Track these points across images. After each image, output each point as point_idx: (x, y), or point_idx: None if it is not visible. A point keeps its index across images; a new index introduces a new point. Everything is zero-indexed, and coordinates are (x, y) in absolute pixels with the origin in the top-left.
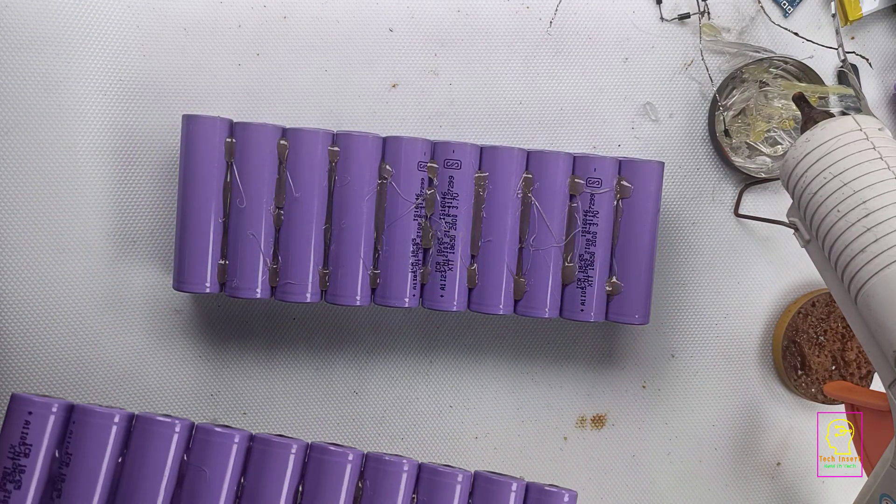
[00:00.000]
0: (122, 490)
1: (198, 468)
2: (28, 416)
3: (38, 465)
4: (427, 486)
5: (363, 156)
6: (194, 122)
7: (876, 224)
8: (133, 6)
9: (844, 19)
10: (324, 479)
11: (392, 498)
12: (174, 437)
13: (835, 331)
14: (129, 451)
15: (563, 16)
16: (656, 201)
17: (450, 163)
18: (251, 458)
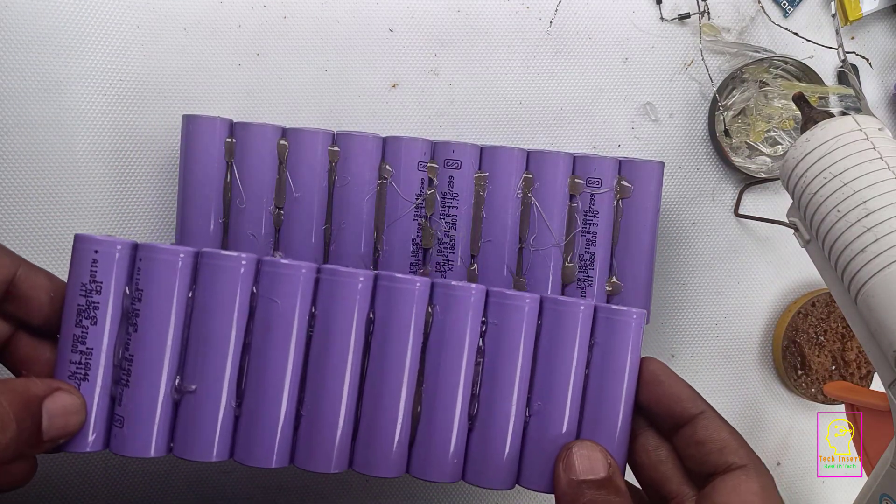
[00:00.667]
0: (196, 323)
1: (268, 299)
2: (95, 255)
3: (110, 301)
4: (496, 308)
5: (363, 156)
6: (194, 122)
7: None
8: (133, 6)
9: (844, 19)
10: (394, 305)
11: (462, 321)
12: (241, 271)
13: (835, 331)
14: (198, 285)
15: (563, 16)
16: (656, 201)
17: (450, 163)
18: (320, 288)
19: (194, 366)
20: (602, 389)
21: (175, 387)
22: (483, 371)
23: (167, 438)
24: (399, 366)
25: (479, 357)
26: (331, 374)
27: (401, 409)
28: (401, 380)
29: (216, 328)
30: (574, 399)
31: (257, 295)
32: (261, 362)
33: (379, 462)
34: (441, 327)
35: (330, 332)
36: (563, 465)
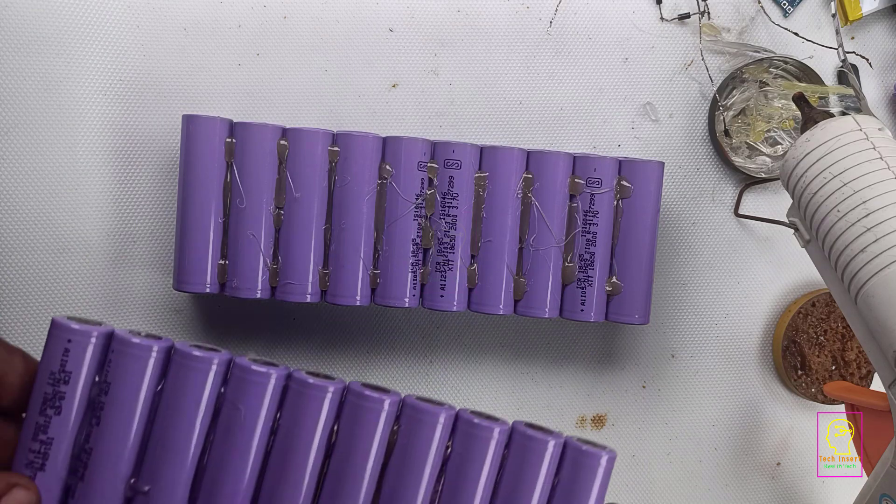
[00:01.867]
0: (159, 421)
1: (233, 405)
2: (67, 344)
3: (77, 393)
4: (463, 437)
5: (363, 156)
6: (194, 122)
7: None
8: (133, 6)
9: (844, 19)
10: (359, 422)
11: (426, 445)
12: (211, 372)
13: (835, 331)
14: (167, 382)
15: (563, 16)
16: (656, 201)
17: (450, 163)
18: (287, 398)
19: (151, 466)
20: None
21: (129, 485)
22: (441, 498)
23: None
24: (357, 485)
25: (439, 483)
26: (288, 488)
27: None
28: (357, 500)
29: (178, 430)
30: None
31: (223, 396)
32: (219, 468)
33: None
34: (403, 450)
35: (291, 445)
36: None
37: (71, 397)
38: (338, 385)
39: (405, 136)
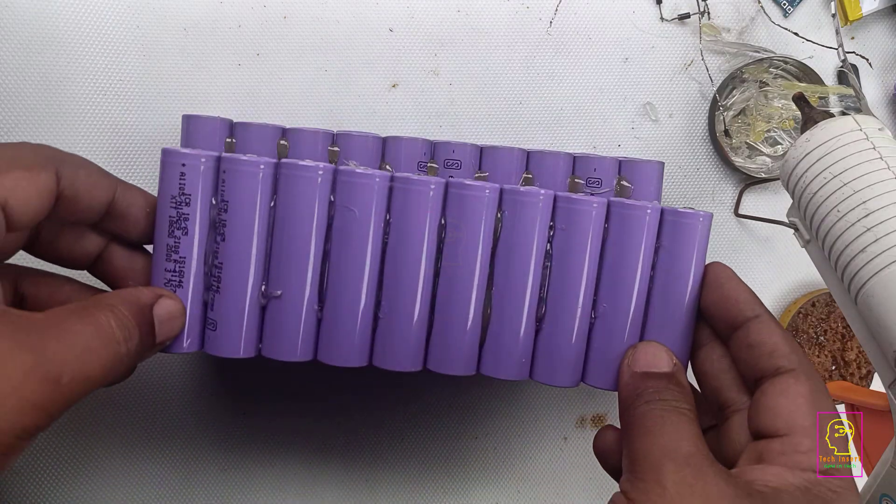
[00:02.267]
0: (278, 231)
1: (345, 208)
2: (182, 168)
3: (198, 211)
4: (564, 213)
5: (363, 155)
6: (194, 122)
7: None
8: (133, 6)
9: (844, 19)
10: (464, 212)
11: (530, 226)
12: (318, 180)
13: (835, 331)
14: (278, 195)
15: (563, 16)
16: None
17: (450, 163)
18: (394, 196)
19: (278, 272)
20: (667, 293)
21: (262, 292)
22: (550, 274)
23: (256, 340)
24: (470, 270)
25: (547, 261)
26: (406, 279)
27: (471, 311)
28: (472, 283)
29: (297, 236)
30: (639, 302)
31: (335, 204)
32: (340, 268)
33: (451, 361)
34: (510, 232)
35: (404, 239)
36: (629, 360)
37: (194, 217)
38: (440, 180)
39: (405, 136)
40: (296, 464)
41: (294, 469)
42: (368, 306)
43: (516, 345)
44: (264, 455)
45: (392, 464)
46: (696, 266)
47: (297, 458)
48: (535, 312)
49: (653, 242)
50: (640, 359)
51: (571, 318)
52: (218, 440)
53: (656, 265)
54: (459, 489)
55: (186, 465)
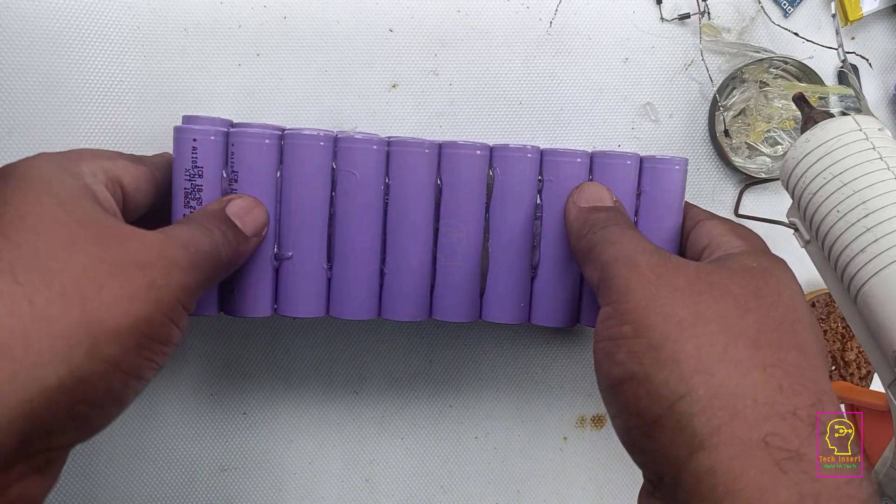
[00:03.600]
0: (286, 197)
1: (347, 172)
2: (194, 143)
3: (211, 182)
4: (551, 166)
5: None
6: (194, 123)
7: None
8: (133, 6)
9: (844, 19)
10: (458, 170)
11: (521, 180)
12: (320, 145)
13: (835, 331)
14: (284, 163)
15: (563, 16)
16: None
17: None
18: (391, 159)
19: (288, 235)
20: (651, 233)
21: (274, 254)
22: (542, 224)
23: (271, 301)
24: (467, 224)
25: (538, 212)
26: (408, 235)
27: (470, 263)
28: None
29: (304, 200)
30: None
31: (337, 169)
32: (345, 228)
33: (455, 308)
34: (502, 187)
35: (403, 198)
36: (574, 198)
37: (207, 187)
38: (433, 143)
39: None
40: (296, 464)
41: (294, 469)
42: (374, 263)
43: (513, 291)
44: (264, 455)
45: (392, 464)
46: (677, 206)
47: (297, 458)
48: (529, 260)
49: (634, 188)
50: (585, 194)
51: (564, 262)
52: (218, 440)
53: (639, 210)
54: (459, 489)
55: (186, 465)
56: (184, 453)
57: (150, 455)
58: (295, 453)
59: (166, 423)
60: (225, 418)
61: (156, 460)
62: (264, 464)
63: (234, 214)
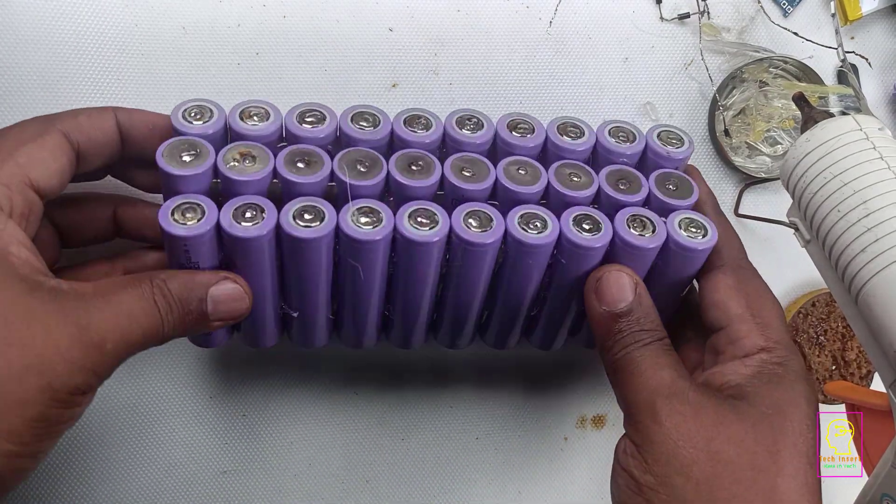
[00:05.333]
0: (288, 273)
1: (350, 263)
2: (185, 246)
3: (209, 265)
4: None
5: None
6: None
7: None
8: (132, 5)
9: (844, 19)
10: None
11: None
12: (322, 248)
13: (835, 331)
14: (284, 256)
15: (562, 15)
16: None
17: None
18: (397, 246)
19: (292, 299)
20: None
21: (280, 306)
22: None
23: (278, 333)
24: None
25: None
26: (411, 304)
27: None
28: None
29: (307, 281)
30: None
31: (338, 252)
32: (350, 291)
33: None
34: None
35: (409, 277)
36: (595, 293)
37: (205, 266)
38: (443, 233)
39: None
40: (296, 465)
41: (294, 470)
42: (378, 305)
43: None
44: (264, 457)
45: (392, 464)
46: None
47: (297, 459)
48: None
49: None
50: (606, 294)
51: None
52: (217, 442)
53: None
54: (459, 489)
55: (186, 467)
56: (183, 456)
57: (149, 458)
58: (295, 454)
59: (165, 425)
60: (224, 420)
61: (155, 463)
62: (265, 466)
63: (214, 297)
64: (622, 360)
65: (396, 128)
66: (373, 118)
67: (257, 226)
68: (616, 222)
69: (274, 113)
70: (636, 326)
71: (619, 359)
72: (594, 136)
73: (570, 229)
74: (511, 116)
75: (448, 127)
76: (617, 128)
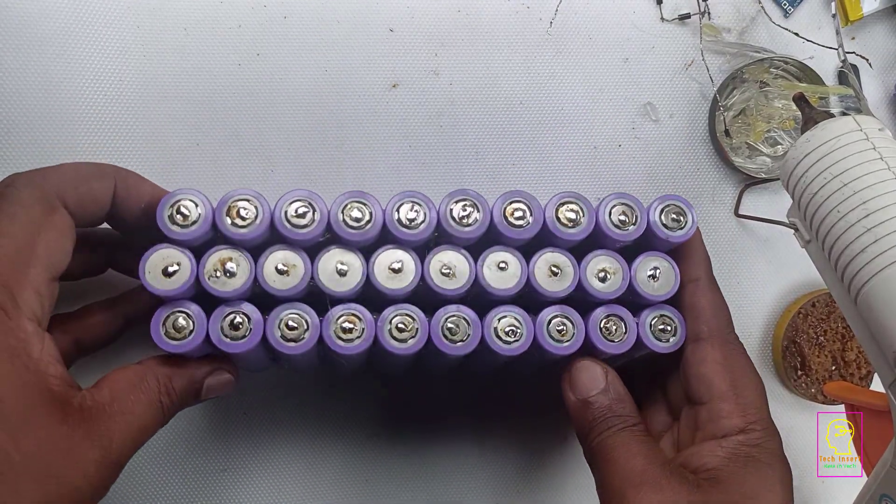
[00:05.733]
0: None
1: (338, 357)
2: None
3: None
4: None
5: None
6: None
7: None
8: (133, 6)
9: (845, 19)
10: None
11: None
12: (311, 353)
13: (835, 331)
14: (276, 355)
15: (563, 16)
16: None
17: None
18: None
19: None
20: None
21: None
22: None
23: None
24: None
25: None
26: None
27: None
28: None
29: (299, 364)
30: None
31: (324, 348)
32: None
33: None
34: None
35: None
36: (568, 384)
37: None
38: (418, 345)
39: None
40: (296, 464)
41: (294, 469)
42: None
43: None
44: (264, 455)
45: (392, 464)
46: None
47: (297, 458)
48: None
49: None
50: (578, 384)
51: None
52: (218, 440)
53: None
54: (460, 489)
55: (186, 465)
56: (183, 453)
57: (149, 455)
58: (295, 454)
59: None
60: (225, 418)
61: (155, 461)
62: (264, 464)
63: (208, 385)
64: (597, 447)
65: (389, 224)
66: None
67: (245, 340)
68: (589, 326)
69: (262, 210)
70: (609, 412)
71: (594, 446)
72: (594, 217)
73: (543, 336)
74: (510, 198)
75: (442, 219)
76: (620, 205)
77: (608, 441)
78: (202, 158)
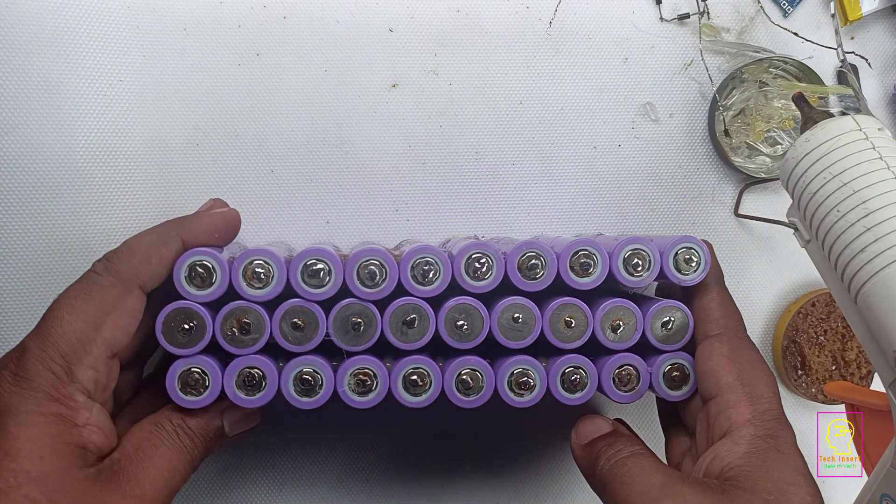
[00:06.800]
0: None
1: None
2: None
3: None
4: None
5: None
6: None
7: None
8: (133, 6)
9: (844, 19)
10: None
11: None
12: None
13: (835, 331)
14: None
15: (562, 16)
16: None
17: None
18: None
19: None
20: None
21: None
22: None
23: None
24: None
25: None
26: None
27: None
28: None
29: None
30: None
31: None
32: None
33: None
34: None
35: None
36: (575, 438)
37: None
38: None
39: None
40: (296, 464)
41: (294, 469)
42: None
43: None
44: (264, 455)
45: (392, 464)
46: None
47: (297, 458)
48: None
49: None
50: (582, 432)
51: None
52: None
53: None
54: (459, 489)
55: None
56: None
57: None
58: (295, 454)
59: None
60: None
61: None
62: (264, 464)
63: (229, 420)
64: (608, 472)
65: (403, 280)
66: (381, 270)
67: (260, 395)
68: (602, 377)
69: (277, 271)
70: (614, 438)
71: (604, 472)
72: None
73: (556, 388)
74: (526, 250)
75: (457, 274)
76: (634, 252)
77: (619, 464)
78: (202, 158)
